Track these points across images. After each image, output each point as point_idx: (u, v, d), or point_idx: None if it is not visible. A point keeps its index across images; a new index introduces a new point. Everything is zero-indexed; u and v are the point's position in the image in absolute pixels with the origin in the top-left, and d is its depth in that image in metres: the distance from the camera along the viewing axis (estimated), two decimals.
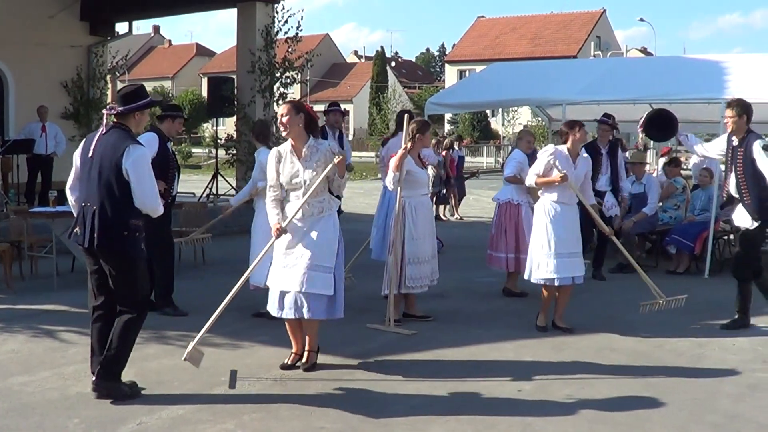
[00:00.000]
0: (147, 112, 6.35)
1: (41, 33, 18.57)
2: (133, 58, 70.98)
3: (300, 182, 6.63)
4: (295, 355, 6.94)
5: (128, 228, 5.99)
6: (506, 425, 5.67)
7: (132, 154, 5.95)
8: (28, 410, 5.85)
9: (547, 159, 8.28)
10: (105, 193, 5.98)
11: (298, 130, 6.60)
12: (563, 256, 8.22)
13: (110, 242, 5.99)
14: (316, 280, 6.55)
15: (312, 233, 6.63)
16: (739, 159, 8.33)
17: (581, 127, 8.44)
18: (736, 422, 5.79)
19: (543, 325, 8.47)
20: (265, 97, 17.28)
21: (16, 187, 15.76)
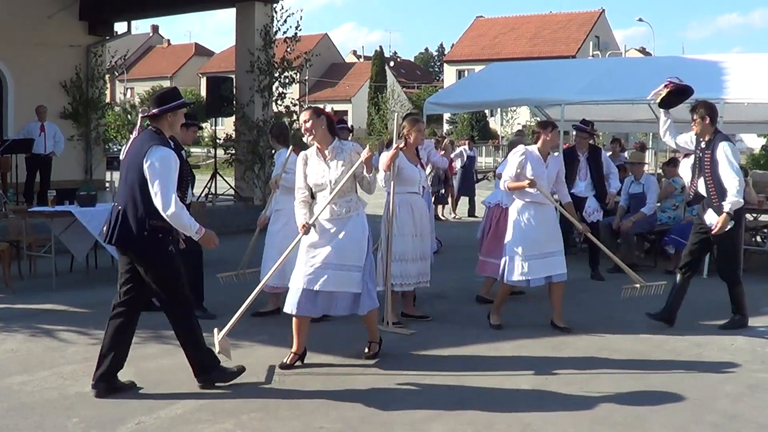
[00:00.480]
0: (181, 114, 6.39)
1: (40, 33, 18.58)
2: (132, 58, 71.01)
3: (326, 182, 6.78)
4: (294, 354, 6.95)
5: (148, 228, 6.06)
6: (505, 425, 5.67)
7: (152, 155, 6.01)
8: (27, 410, 5.85)
9: (518, 160, 8.34)
10: (129, 194, 6.11)
11: (322, 132, 6.78)
12: (536, 257, 8.27)
13: (129, 241, 6.12)
14: (345, 279, 6.74)
15: (341, 233, 6.78)
16: (706, 161, 8.31)
17: (553, 128, 8.50)
18: (736, 422, 5.79)
19: (498, 324, 8.50)
20: (264, 96, 17.29)
21: (14, 187, 15.76)
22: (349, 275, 6.74)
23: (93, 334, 8.03)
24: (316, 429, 5.56)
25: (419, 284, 8.60)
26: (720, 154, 8.18)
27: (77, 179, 18.38)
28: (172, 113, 6.27)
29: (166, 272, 6.23)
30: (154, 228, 6.07)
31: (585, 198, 11.28)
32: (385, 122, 56.26)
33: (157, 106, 6.23)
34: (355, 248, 6.79)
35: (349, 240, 6.77)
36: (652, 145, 26.58)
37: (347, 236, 6.78)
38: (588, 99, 13.10)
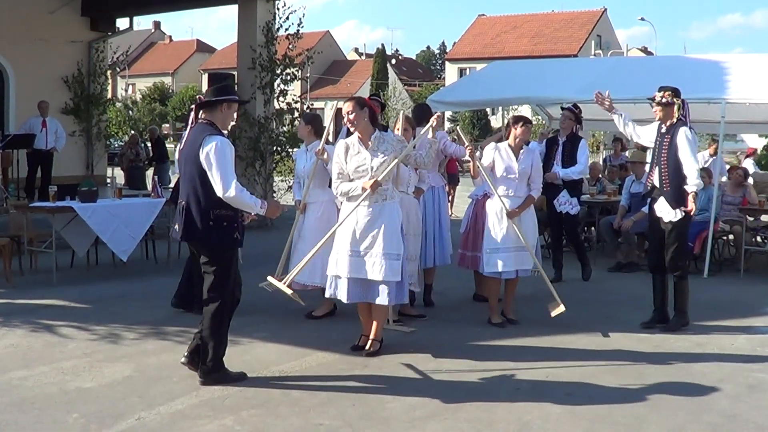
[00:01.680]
0: (235, 107, 6.48)
1: (42, 28, 18.57)
2: (134, 54, 71.02)
3: (367, 169, 6.97)
4: (365, 337, 7.27)
5: (213, 219, 6.12)
6: (504, 424, 5.68)
7: (206, 146, 6.07)
8: (26, 405, 5.85)
9: (490, 154, 8.51)
10: (190, 188, 6.20)
11: (364, 124, 7.01)
12: (509, 251, 8.37)
13: (195, 234, 6.20)
14: (387, 267, 6.90)
15: (379, 221, 6.96)
16: (664, 147, 8.21)
17: (525, 123, 8.56)
18: (734, 423, 5.79)
19: (500, 321, 8.56)
20: (266, 93, 17.27)
21: (16, 182, 15.78)
22: (390, 264, 6.92)
23: (93, 329, 8.05)
24: (316, 426, 5.57)
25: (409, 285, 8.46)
26: (681, 139, 8.07)
27: (78, 175, 18.35)
28: (227, 105, 6.34)
29: (225, 262, 6.26)
30: (219, 217, 6.13)
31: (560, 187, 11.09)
32: (387, 119, 56.19)
33: (213, 96, 6.32)
34: (395, 237, 6.99)
35: (389, 228, 6.96)
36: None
37: (387, 224, 6.96)
38: (589, 98, 12.93)
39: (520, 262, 8.42)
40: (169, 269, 11.00)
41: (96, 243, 11.17)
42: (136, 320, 8.41)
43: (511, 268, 8.41)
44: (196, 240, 6.28)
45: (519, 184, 8.47)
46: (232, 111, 6.43)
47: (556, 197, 11.06)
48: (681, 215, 8.12)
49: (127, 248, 10.73)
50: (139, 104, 63.54)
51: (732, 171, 13.29)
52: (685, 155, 8.05)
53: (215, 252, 6.25)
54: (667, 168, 8.17)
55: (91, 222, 10.34)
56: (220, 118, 6.33)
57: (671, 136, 8.15)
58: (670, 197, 8.15)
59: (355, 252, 6.97)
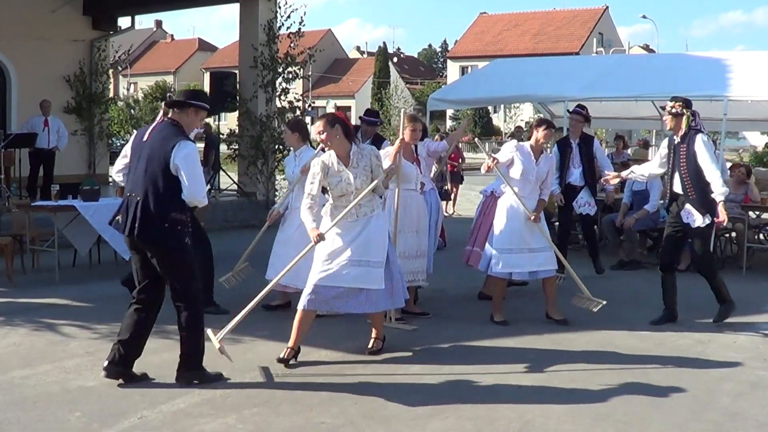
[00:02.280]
0: (202, 115, 6.43)
1: (44, 27, 18.56)
2: (136, 53, 70.94)
3: (352, 189, 6.83)
4: (291, 349, 6.91)
5: (168, 220, 6.10)
6: (506, 421, 5.67)
7: (183, 150, 6.06)
8: (29, 404, 5.86)
9: (510, 152, 8.47)
10: (150, 185, 6.10)
11: (338, 141, 6.81)
12: (522, 251, 8.38)
13: (149, 233, 6.11)
14: (367, 275, 6.77)
15: (365, 231, 6.85)
16: (682, 155, 8.28)
17: (548, 126, 8.54)
18: (737, 420, 5.79)
19: (502, 320, 8.52)
20: (268, 92, 17.27)
21: (18, 181, 15.78)
22: (370, 271, 6.79)
23: (95, 328, 8.05)
24: (318, 424, 5.57)
25: (414, 282, 8.50)
26: (698, 146, 8.16)
27: (80, 174, 18.35)
28: (194, 111, 6.33)
29: (183, 265, 6.25)
30: (175, 220, 6.11)
31: (581, 187, 11.20)
32: (389, 118, 56.19)
33: (186, 98, 6.34)
34: (379, 244, 6.87)
35: (373, 236, 6.85)
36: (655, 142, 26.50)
37: (371, 233, 6.85)
38: (591, 96, 13.09)
39: (537, 264, 8.40)
40: None
41: (98, 242, 11.17)
42: None
43: (523, 269, 8.41)
44: (151, 240, 6.17)
45: (534, 186, 8.48)
46: (198, 117, 6.41)
47: (575, 199, 11.10)
48: (708, 221, 8.23)
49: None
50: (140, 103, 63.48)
51: (734, 169, 13.27)
52: (705, 162, 8.14)
53: (170, 254, 6.20)
54: (688, 175, 8.25)
55: (93, 221, 10.34)
56: (186, 122, 6.32)
57: (687, 144, 8.25)
58: (698, 203, 8.23)
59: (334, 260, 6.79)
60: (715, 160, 8.26)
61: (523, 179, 8.41)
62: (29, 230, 11.11)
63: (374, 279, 6.82)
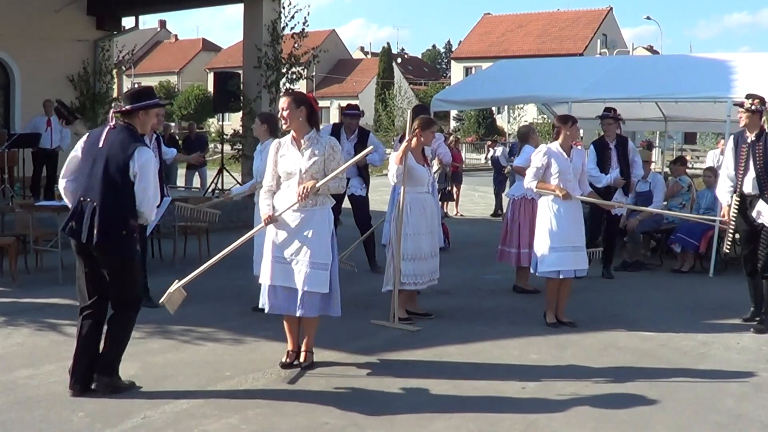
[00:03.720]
0: (152, 113, 6.29)
1: (48, 27, 18.58)
2: (140, 53, 70.97)
3: (295, 170, 6.56)
4: (292, 351, 6.90)
5: (127, 227, 5.98)
6: (510, 422, 5.67)
7: (142, 157, 5.93)
8: (32, 403, 5.86)
9: (541, 159, 8.44)
10: (108, 191, 5.93)
11: (298, 123, 6.56)
12: (567, 250, 8.35)
13: (109, 241, 5.94)
14: (313, 277, 6.48)
15: (307, 229, 6.55)
16: (758, 154, 8.19)
17: (574, 122, 8.57)
18: (740, 422, 5.78)
19: (554, 321, 8.51)
20: (271, 92, 17.28)
21: (21, 181, 15.79)
22: (316, 273, 6.50)
23: None
24: (321, 425, 5.57)
25: (431, 282, 8.59)
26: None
27: None
28: (144, 112, 6.16)
29: (130, 272, 6.13)
30: (131, 227, 6.01)
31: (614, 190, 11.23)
32: (392, 118, 56.22)
33: (130, 103, 6.15)
34: (322, 245, 6.57)
35: (316, 236, 6.55)
36: (659, 143, 26.58)
37: (314, 231, 6.55)
38: (595, 97, 13.07)
39: (580, 262, 8.47)
40: (175, 267, 11.00)
41: None
42: (141, 319, 8.31)
43: (569, 267, 8.41)
44: (111, 248, 5.99)
45: (574, 183, 8.49)
46: (150, 116, 6.25)
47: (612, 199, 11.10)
48: None
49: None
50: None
51: None
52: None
53: (124, 262, 6.07)
54: (766, 174, 8.18)
55: None
56: (139, 123, 6.18)
57: (764, 143, 8.17)
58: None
59: (279, 258, 6.59)
60: None
61: (563, 179, 8.39)
62: (32, 230, 11.11)
63: (320, 281, 6.52)
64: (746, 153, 8.29)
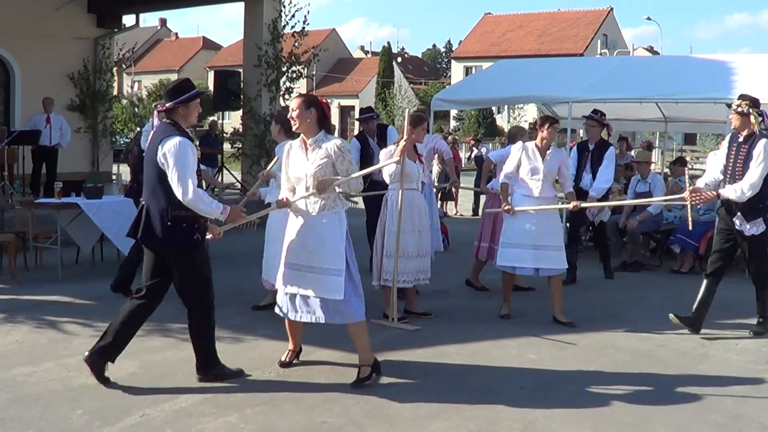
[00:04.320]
0: (194, 106, 6.26)
1: (48, 25, 18.58)
2: (140, 51, 71.06)
3: (302, 175, 6.42)
4: (292, 352, 6.85)
5: (171, 219, 6.03)
6: (509, 422, 5.67)
7: (164, 144, 5.99)
8: (31, 401, 5.86)
9: (517, 156, 8.63)
10: (150, 188, 6.13)
11: (307, 125, 6.39)
12: (527, 247, 8.46)
13: (153, 236, 6.10)
14: (324, 283, 6.26)
15: (315, 233, 6.34)
16: (740, 158, 7.91)
17: (551, 123, 8.62)
18: (739, 422, 5.78)
19: (505, 313, 8.74)
20: (272, 91, 17.28)
21: (21, 178, 15.79)
22: (326, 279, 6.26)
23: (98, 326, 8.03)
24: (320, 424, 5.56)
25: (418, 281, 8.58)
26: (757, 150, 7.78)
27: (84, 171, 18.41)
28: (184, 106, 6.19)
29: (189, 264, 6.20)
30: (177, 218, 6.03)
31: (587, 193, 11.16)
32: (393, 118, 56.23)
33: (169, 100, 6.21)
34: (334, 250, 6.29)
35: (327, 241, 6.30)
36: (658, 144, 26.55)
37: (322, 236, 6.31)
38: (595, 97, 13.08)
39: (543, 261, 8.49)
40: None
41: (101, 239, 11.19)
42: None
43: (525, 264, 8.49)
44: (155, 242, 6.15)
45: (544, 184, 8.55)
46: (191, 108, 6.25)
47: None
48: (763, 228, 7.90)
49: (131, 245, 10.71)
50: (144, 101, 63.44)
51: None
52: (754, 165, 7.78)
53: (174, 253, 6.18)
54: (741, 176, 7.90)
55: (96, 218, 10.36)
56: (181, 117, 6.21)
57: (749, 146, 7.88)
58: (746, 210, 7.90)
59: (292, 264, 6.40)
60: (765, 169, 7.76)
61: (532, 178, 8.52)
62: (32, 227, 11.11)
63: (332, 287, 6.26)
64: (734, 155, 8.05)
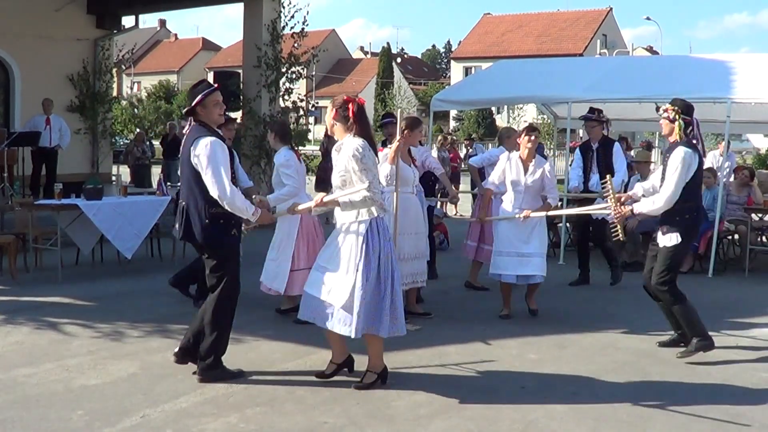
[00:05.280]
0: (210, 104, 6.35)
1: (48, 26, 18.58)
2: (139, 52, 71.11)
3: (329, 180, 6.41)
4: (332, 363, 6.57)
5: (208, 217, 6.22)
6: (509, 422, 5.67)
7: (196, 146, 6.16)
8: (31, 402, 5.86)
9: (502, 166, 8.81)
10: (187, 188, 6.32)
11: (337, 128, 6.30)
12: (511, 255, 8.66)
13: (192, 233, 6.30)
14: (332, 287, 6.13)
15: (336, 237, 6.25)
16: (665, 167, 7.36)
17: (527, 133, 8.74)
18: (740, 422, 5.78)
19: (505, 314, 8.86)
20: (271, 92, 17.28)
21: (21, 180, 15.79)
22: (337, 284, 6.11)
23: (98, 327, 8.06)
24: (321, 424, 5.57)
25: (414, 284, 8.56)
26: (674, 159, 7.19)
27: (84, 172, 18.40)
28: (201, 106, 6.32)
29: (224, 256, 6.37)
30: (215, 215, 6.21)
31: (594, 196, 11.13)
32: None
33: (188, 104, 6.44)
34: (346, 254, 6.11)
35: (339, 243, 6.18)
36: (658, 144, 26.51)
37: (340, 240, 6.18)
38: (595, 97, 13.07)
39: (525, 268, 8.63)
40: (174, 267, 10.99)
41: (101, 241, 11.19)
42: (141, 318, 8.42)
43: (508, 272, 8.69)
44: (194, 239, 6.35)
45: (525, 196, 8.67)
46: (209, 106, 6.35)
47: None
48: (677, 241, 7.25)
49: (131, 246, 10.75)
50: (144, 102, 63.57)
51: (737, 171, 13.28)
52: (669, 175, 7.18)
53: (212, 249, 6.35)
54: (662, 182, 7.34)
55: (96, 220, 10.36)
56: (204, 116, 6.34)
57: (670, 155, 7.29)
58: (665, 220, 7.32)
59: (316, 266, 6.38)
60: (681, 180, 7.13)
61: (514, 190, 8.68)
62: (32, 229, 11.11)
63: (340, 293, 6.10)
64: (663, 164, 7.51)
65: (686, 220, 7.28)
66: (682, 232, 7.25)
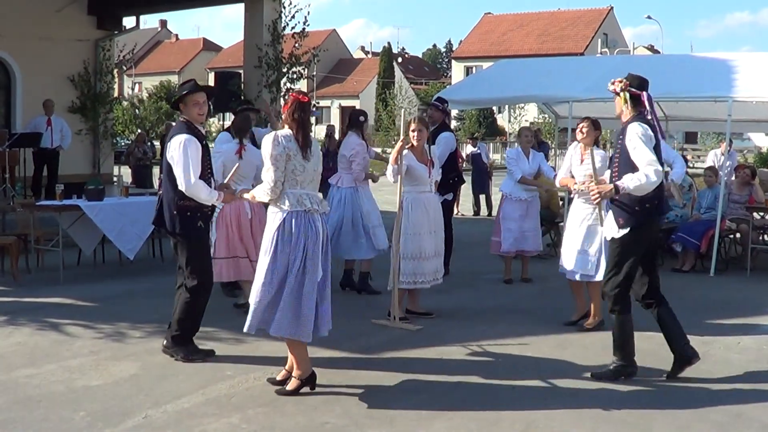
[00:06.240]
0: (190, 103, 6.80)
1: (49, 27, 18.58)
2: (140, 53, 71.06)
3: None
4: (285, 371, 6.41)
5: (177, 209, 6.74)
6: (510, 421, 5.68)
7: (171, 141, 6.70)
8: (33, 403, 5.87)
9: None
10: (164, 180, 6.84)
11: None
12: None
13: (163, 221, 6.88)
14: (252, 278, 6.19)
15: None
16: (617, 150, 6.59)
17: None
18: (740, 422, 5.78)
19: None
20: (272, 92, 17.27)
21: (22, 181, 15.80)
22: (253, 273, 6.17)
23: (99, 327, 8.06)
24: (322, 424, 5.57)
25: (435, 281, 8.62)
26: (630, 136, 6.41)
27: (85, 173, 18.41)
28: (182, 104, 6.84)
29: (193, 247, 6.86)
30: (182, 207, 6.72)
31: None
32: (393, 118, 56.19)
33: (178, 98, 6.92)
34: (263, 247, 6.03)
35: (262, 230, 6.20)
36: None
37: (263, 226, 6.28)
38: (596, 96, 13.04)
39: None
40: (175, 268, 11.00)
41: (102, 241, 11.20)
42: (143, 318, 8.43)
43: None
44: (164, 227, 6.92)
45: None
46: (188, 105, 6.82)
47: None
48: (625, 231, 6.47)
49: (133, 247, 10.75)
50: (145, 103, 63.54)
51: (739, 170, 13.26)
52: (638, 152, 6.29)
53: (179, 237, 6.84)
54: (618, 174, 6.47)
55: (98, 220, 10.37)
56: (187, 114, 6.84)
57: (623, 135, 6.50)
58: (617, 210, 6.53)
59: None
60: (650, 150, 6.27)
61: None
62: (34, 230, 11.13)
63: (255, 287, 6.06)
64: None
65: (646, 209, 6.42)
66: (635, 223, 6.41)
